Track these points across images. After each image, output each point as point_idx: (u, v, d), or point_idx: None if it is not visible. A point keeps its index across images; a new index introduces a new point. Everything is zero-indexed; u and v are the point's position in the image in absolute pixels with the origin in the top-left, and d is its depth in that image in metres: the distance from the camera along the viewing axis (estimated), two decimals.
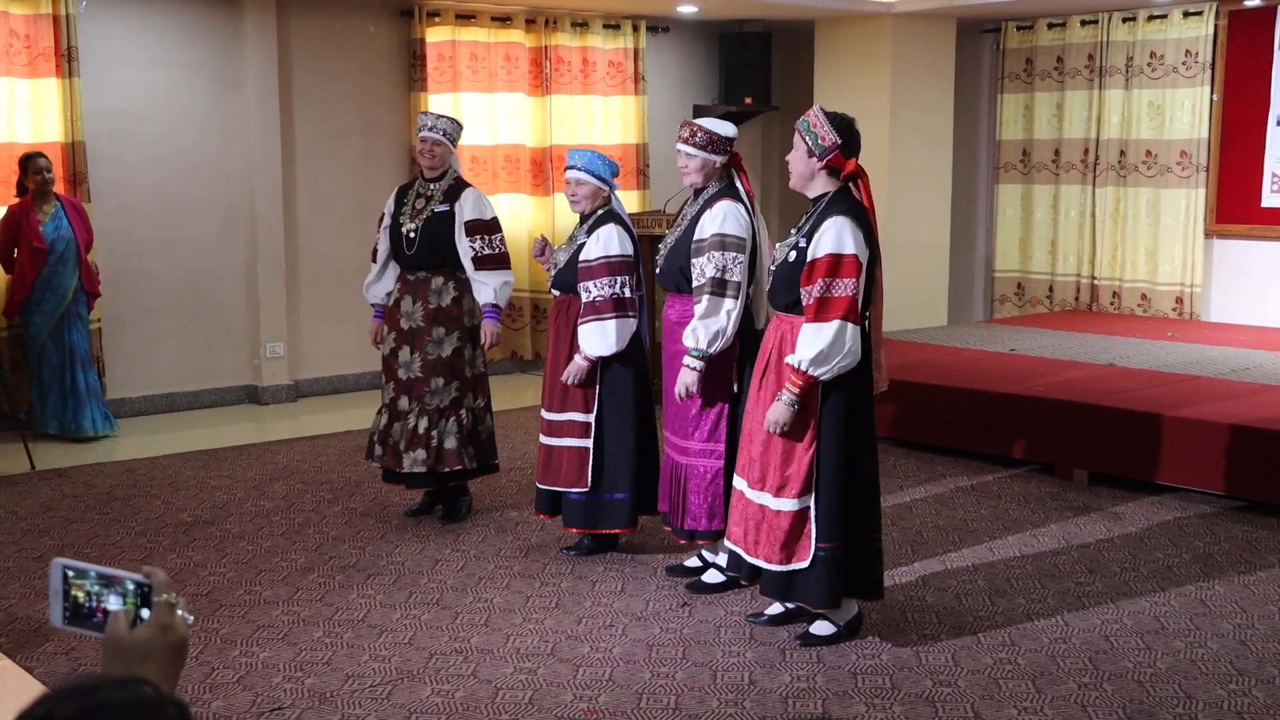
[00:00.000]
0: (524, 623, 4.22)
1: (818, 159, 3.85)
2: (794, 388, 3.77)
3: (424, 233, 5.15)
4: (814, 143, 3.84)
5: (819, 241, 3.76)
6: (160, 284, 7.71)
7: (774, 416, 3.80)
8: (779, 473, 3.85)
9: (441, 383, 5.15)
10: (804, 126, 3.88)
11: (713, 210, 4.28)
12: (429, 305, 5.17)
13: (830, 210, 3.81)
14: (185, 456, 6.57)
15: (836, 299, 3.72)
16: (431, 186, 5.25)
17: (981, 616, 4.27)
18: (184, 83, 7.72)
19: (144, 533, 5.23)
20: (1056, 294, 9.58)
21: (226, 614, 4.29)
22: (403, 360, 5.22)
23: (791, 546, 3.85)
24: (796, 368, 3.76)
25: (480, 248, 5.15)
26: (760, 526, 3.91)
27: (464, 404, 5.19)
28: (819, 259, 3.74)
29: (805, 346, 3.74)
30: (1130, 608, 4.35)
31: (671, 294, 4.50)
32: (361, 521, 5.40)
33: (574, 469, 4.75)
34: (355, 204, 8.40)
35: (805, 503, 3.83)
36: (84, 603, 1.40)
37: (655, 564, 4.80)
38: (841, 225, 3.75)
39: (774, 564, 3.87)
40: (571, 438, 4.76)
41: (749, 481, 3.96)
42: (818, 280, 3.73)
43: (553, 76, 9.02)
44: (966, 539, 5.15)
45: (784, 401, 3.79)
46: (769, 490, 3.88)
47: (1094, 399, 6.05)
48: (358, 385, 8.46)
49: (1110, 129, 9.09)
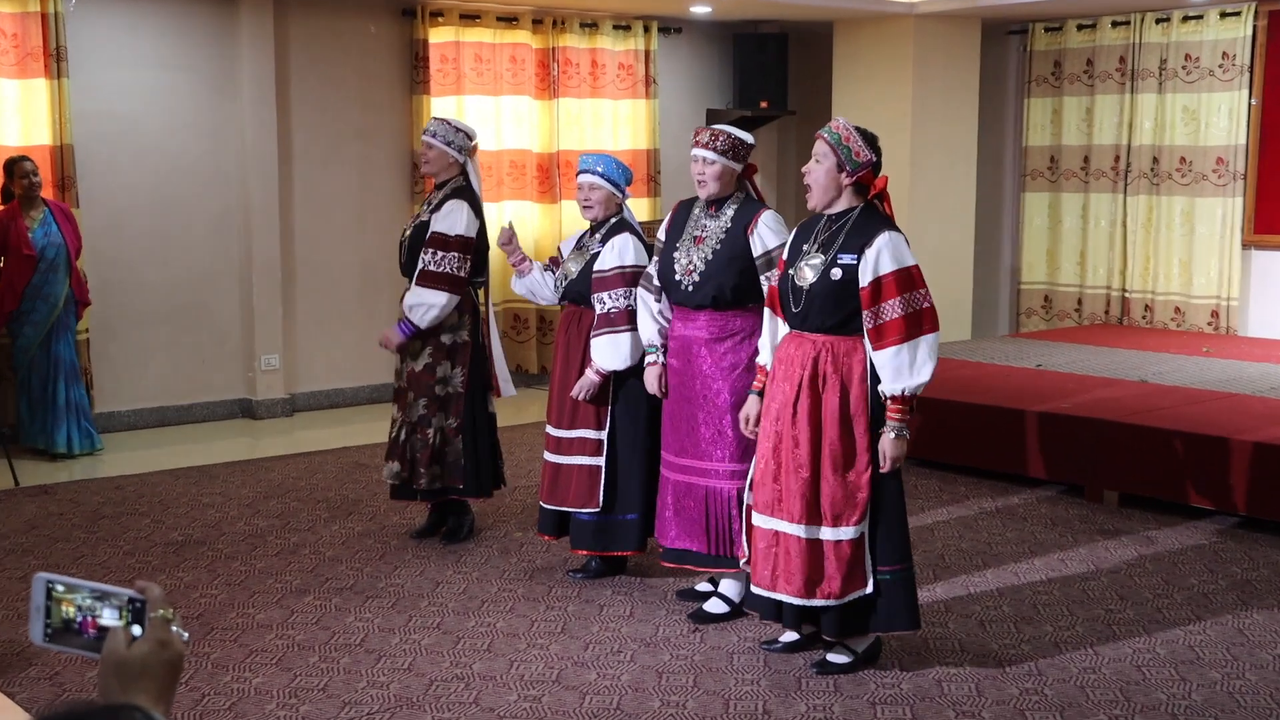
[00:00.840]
0: (528, 648, 4.22)
1: (848, 174, 3.85)
2: (902, 416, 3.77)
3: (409, 242, 5.20)
4: (847, 157, 3.84)
5: (877, 259, 3.75)
6: (151, 293, 7.74)
7: (895, 453, 3.77)
8: (838, 501, 3.82)
9: (412, 397, 5.20)
10: (834, 140, 3.86)
11: (764, 221, 4.28)
12: None
13: (871, 225, 3.82)
14: (176, 473, 6.59)
15: (924, 311, 3.76)
16: (436, 195, 5.26)
17: (1007, 645, 4.26)
18: (177, 84, 7.76)
19: (132, 552, 5.24)
20: (1085, 307, 9.57)
21: (218, 638, 4.30)
22: (397, 368, 5.29)
23: (852, 578, 3.85)
24: (906, 395, 3.74)
25: (426, 261, 5.05)
26: (815, 564, 3.84)
27: (431, 423, 5.17)
28: (884, 276, 3.74)
29: (908, 369, 3.72)
30: (1164, 637, 4.34)
31: (694, 310, 4.38)
32: (359, 542, 5.41)
33: (584, 488, 4.75)
34: (354, 211, 8.43)
35: (863, 529, 3.84)
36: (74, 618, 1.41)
37: (665, 588, 4.80)
38: (897, 239, 3.80)
39: (835, 599, 3.84)
40: (582, 456, 4.76)
41: (789, 518, 3.88)
42: (891, 299, 3.72)
43: (560, 79, 9.05)
44: (991, 563, 5.13)
45: (900, 434, 3.77)
46: (826, 523, 3.84)
47: (1125, 417, 6.04)
48: (356, 400, 8.47)
49: (1143, 135, 9.09)
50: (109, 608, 1.41)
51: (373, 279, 8.40)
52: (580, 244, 4.93)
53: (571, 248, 4.99)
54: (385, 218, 8.44)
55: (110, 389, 7.59)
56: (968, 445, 6.52)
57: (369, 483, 6.32)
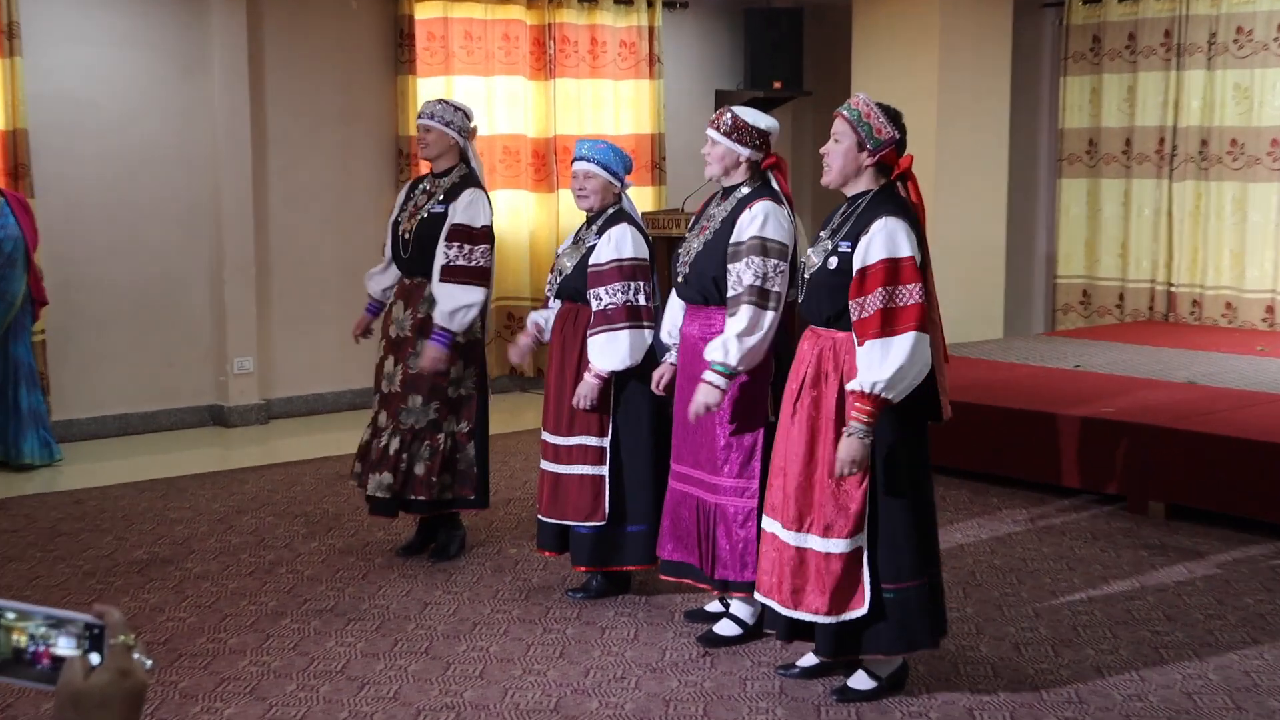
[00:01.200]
0: (524, 674, 4.21)
1: (869, 154, 3.84)
2: (865, 417, 3.70)
3: (418, 235, 5.16)
4: (868, 135, 3.83)
5: (869, 246, 3.73)
6: (113, 292, 7.74)
7: (847, 455, 3.71)
8: (827, 509, 3.81)
9: (420, 401, 5.15)
10: (854, 117, 3.85)
11: (751, 210, 4.27)
12: (419, 314, 5.18)
13: (875, 210, 3.79)
14: (141, 486, 6.58)
15: (904, 308, 3.70)
16: (438, 183, 5.24)
17: (1044, 670, 4.25)
18: (140, 64, 7.76)
19: (93, 572, 5.24)
20: (1128, 303, 9.55)
21: (187, 665, 4.29)
22: (386, 371, 5.25)
23: (845, 594, 3.81)
24: (868, 393, 3.68)
25: (453, 256, 5.07)
26: (803, 573, 3.85)
27: (443, 427, 5.17)
28: (871, 265, 3.71)
29: (876, 366, 3.68)
30: (1216, 661, 4.32)
31: (692, 306, 4.48)
32: (341, 559, 5.40)
33: (586, 499, 4.75)
34: (334, 201, 8.44)
35: (858, 542, 3.80)
36: (26, 647, 1.39)
37: (673, 608, 4.79)
38: (894, 226, 3.74)
39: (824, 615, 3.82)
40: (583, 464, 4.76)
41: (783, 522, 3.91)
42: (875, 290, 3.69)
43: (557, 58, 9.05)
44: (1026, 580, 5.12)
45: (856, 435, 3.71)
46: (814, 531, 3.83)
47: (1172, 422, 6.02)
48: (337, 405, 8.48)
49: (1190, 115, 9.08)
50: (65, 635, 1.40)
51: (354, 275, 8.37)
52: (576, 237, 4.94)
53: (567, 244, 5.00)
54: (368, 208, 8.44)
55: (69, 395, 7.59)
56: (1000, 453, 6.50)
57: (350, 496, 6.31)
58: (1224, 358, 7.80)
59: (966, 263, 9.22)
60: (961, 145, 9.15)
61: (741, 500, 4.35)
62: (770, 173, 4.40)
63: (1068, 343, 8.52)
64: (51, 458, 7.03)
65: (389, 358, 5.24)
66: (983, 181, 9.33)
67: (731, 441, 4.35)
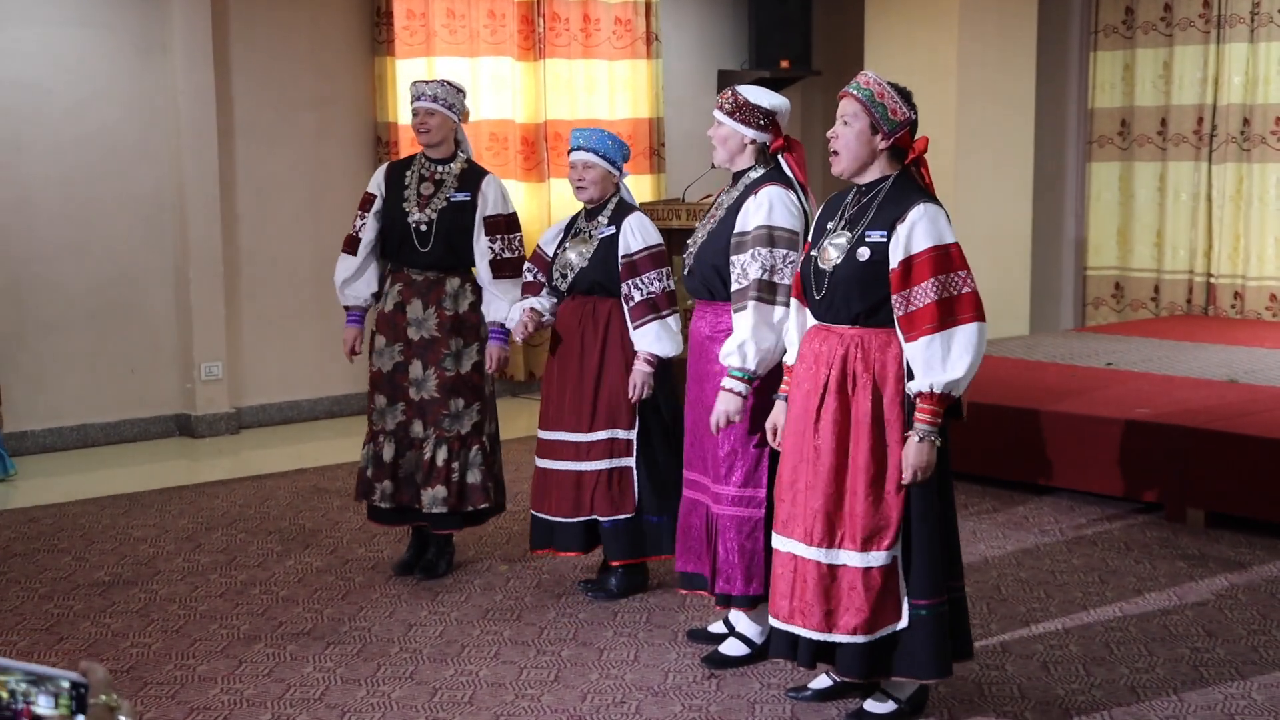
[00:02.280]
0: (516, 700, 4.24)
1: (884, 136, 3.84)
2: (930, 417, 3.71)
3: (441, 226, 5.21)
4: (883, 117, 3.82)
5: (910, 235, 3.73)
6: (69, 293, 7.77)
7: (919, 461, 3.72)
8: (867, 521, 3.80)
9: (462, 404, 5.25)
10: (867, 97, 3.84)
11: (756, 197, 4.29)
12: (445, 311, 5.24)
13: (905, 196, 3.79)
14: (102, 502, 6.60)
15: (961, 297, 3.72)
16: (440, 169, 5.28)
17: (1075, 690, 4.28)
18: (94, 45, 7.79)
19: (50, 595, 5.26)
20: (1164, 295, 9.58)
21: (153, 694, 4.31)
22: (414, 377, 5.26)
23: (883, 609, 3.82)
24: (938, 393, 3.70)
25: (500, 250, 5.24)
26: (837, 593, 3.84)
27: (484, 429, 5.30)
28: (917, 255, 3.71)
29: (939, 363, 3.68)
30: (1261, 680, 4.34)
31: (700, 302, 4.52)
32: (318, 579, 5.43)
33: (615, 493, 4.99)
34: (308, 194, 8.46)
35: (895, 553, 3.82)
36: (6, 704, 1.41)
37: (675, 627, 4.82)
38: (934, 212, 3.76)
39: (861, 635, 3.82)
40: (611, 458, 4.99)
41: (806, 539, 3.88)
42: (924, 280, 3.70)
43: (547, 37, 9.08)
44: (1055, 594, 5.15)
45: (927, 439, 3.72)
46: (849, 545, 3.83)
47: (1212, 424, 6.05)
48: (313, 413, 8.50)
49: (1231, 92, 9.11)
50: (45, 694, 1.41)
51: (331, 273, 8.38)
52: (575, 229, 5.05)
53: (557, 237, 5.11)
54: (344, 200, 8.45)
55: (22, 405, 7.62)
56: (1027, 458, 6.53)
57: (328, 510, 6.35)
58: (1269, 354, 7.83)
59: (989, 254, 9.24)
60: (983, 127, 9.18)
61: (748, 510, 4.38)
62: (780, 156, 4.43)
63: (1099, 339, 8.55)
64: (5, 472, 7.06)
65: (414, 363, 5.25)
66: (1006, 166, 9.36)
67: (736, 449, 4.38)
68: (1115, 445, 6.22)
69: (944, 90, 8.95)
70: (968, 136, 9.09)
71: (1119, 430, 6.22)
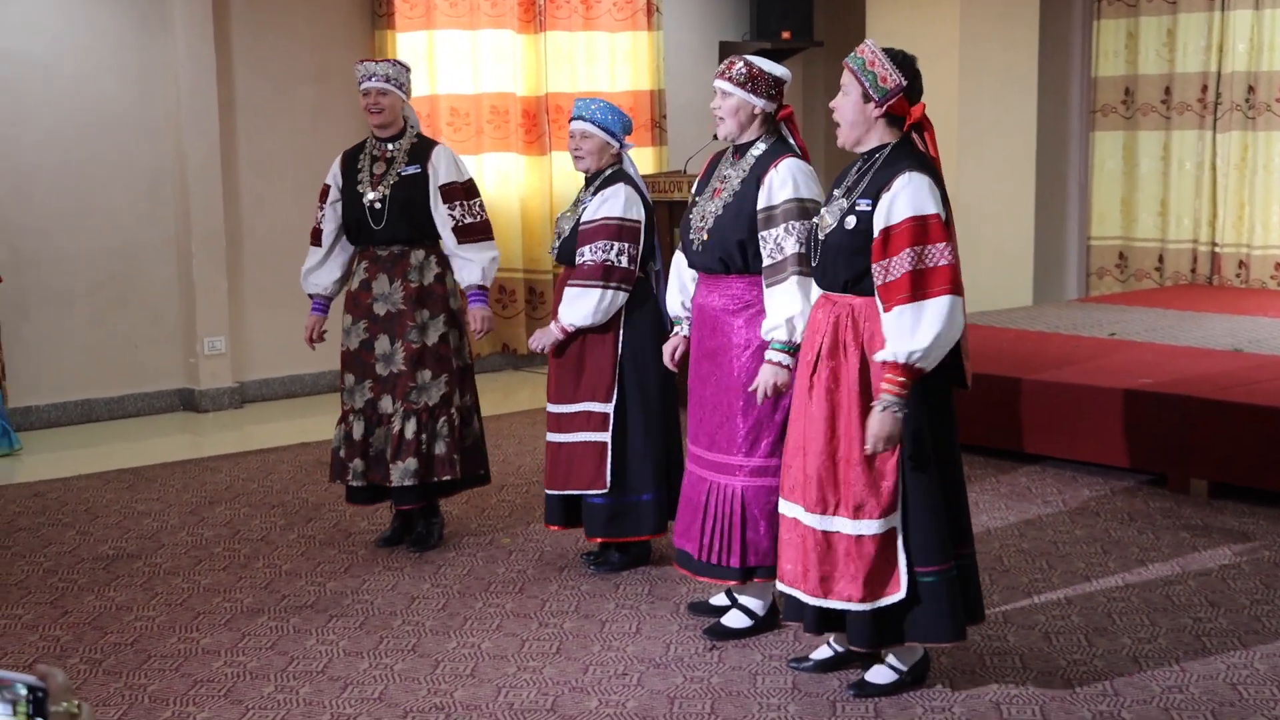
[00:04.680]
0: (519, 672, 4.24)
1: (876, 105, 3.83)
2: (897, 388, 3.70)
3: (394, 200, 5.21)
4: (873, 85, 3.82)
5: (892, 204, 3.73)
6: (70, 267, 7.76)
7: (880, 430, 3.72)
8: (855, 488, 3.82)
9: (429, 376, 5.24)
10: (858, 65, 3.85)
11: (778, 170, 4.27)
12: (410, 284, 5.24)
13: (896, 165, 3.79)
14: (106, 476, 6.61)
15: (935, 269, 3.70)
16: (389, 147, 5.32)
17: (1077, 660, 4.27)
18: (94, 19, 7.76)
19: (54, 570, 5.27)
20: (1168, 265, 9.55)
21: (156, 667, 4.32)
22: (381, 352, 5.26)
23: (879, 579, 3.82)
24: (902, 363, 3.69)
25: (461, 215, 5.25)
26: (831, 559, 3.86)
27: (453, 401, 5.26)
28: (897, 225, 3.71)
29: (908, 334, 3.68)
30: (1263, 650, 4.34)
31: (709, 275, 4.45)
32: (321, 552, 5.43)
33: (590, 468, 4.95)
34: (308, 167, 8.43)
35: (892, 523, 3.81)
36: None
37: (677, 598, 4.82)
38: (919, 182, 3.74)
39: (857, 602, 3.84)
40: (586, 431, 4.95)
41: (806, 505, 3.91)
42: (902, 250, 3.69)
43: (548, 9, 9.04)
44: (1057, 565, 5.14)
45: (890, 409, 3.71)
46: (843, 513, 3.84)
47: (1215, 394, 6.03)
48: (315, 388, 8.50)
49: (1235, 60, 9.06)
50: (2, 701, 1.39)
51: None
52: (576, 200, 5.12)
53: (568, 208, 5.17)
54: None
55: (26, 381, 7.62)
56: (1030, 429, 6.52)
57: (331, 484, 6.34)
58: (1274, 323, 7.81)
59: (993, 224, 9.22)
60: (986, 96, 9.13)
61: (774, 480, 4.34)
62: (784, 125, 4.41)
63: (1103, 309, 8.53)
64: (10, 447, 7.07)
65: (380, 337, 5.26)
66: (1009, 136, 9.32)
67: (761, 419, 4.35)
68: (1118, 415, 6.21)
69: (947, 60, 8.90)
70: (971, 107, 9.05)
71: (1122, 400, 6.20)
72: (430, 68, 8.68)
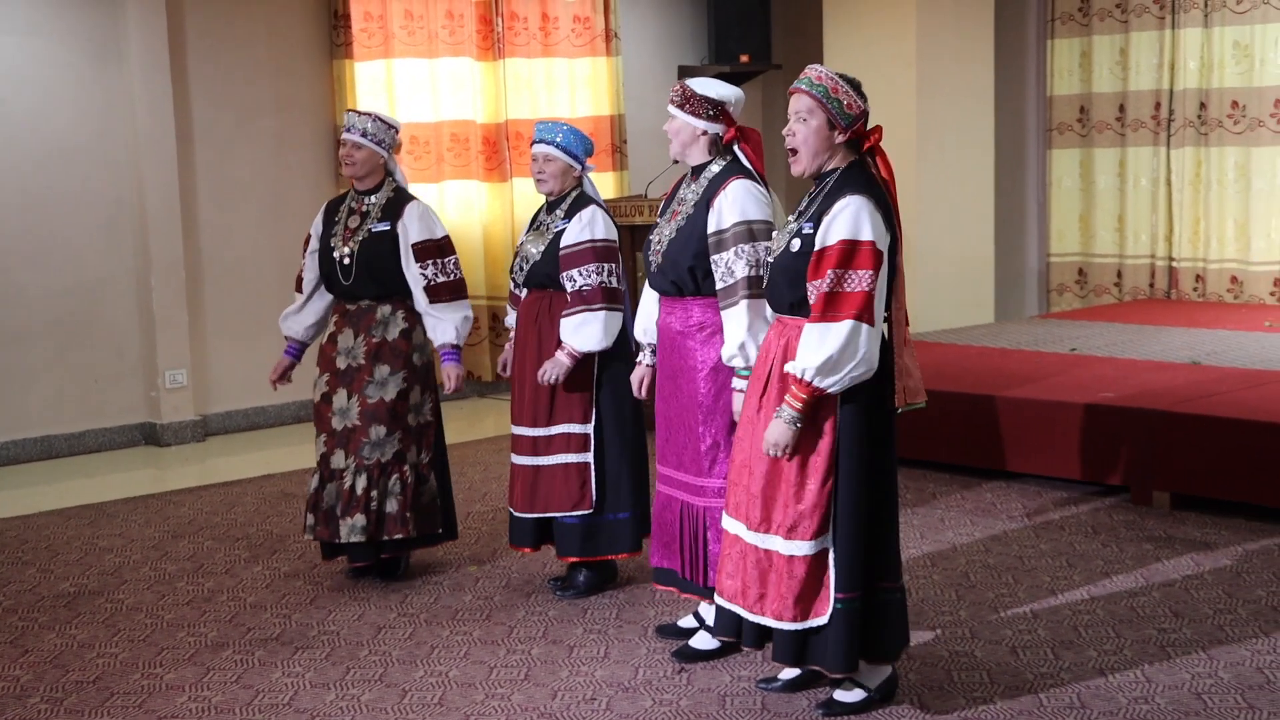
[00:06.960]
0: (486, 699, 4.22)
1: (842, 131, 3.88)
2: (796, 402, 3.78)
3: (361, 257, 5.20)
4: (839, 112, 3.86)
5: (830, 226, 3.78)
6: (28, 303, 7.70)
7: (773, 437, 3.81)
8: (790, 509, 3.85)
9: (383, 432, 5.16)
10: (821, 93, 3.87)
11: (726, 193, 4.29)
12: (372, 339, 5.21)
13: (842, 188, 3.83)
14: (67, 513, 6.55)
15: (849, 294, 3.74)
16: (367, 200, 5.29)
17: (1044, 674, 4.29)
18: (49, 54, 7.73)
19: (14, 609, 5.22)
20: (1126, 280, 9.63)
21: (119, 704, 4.28)
22: (338, 406, 5.22)
23: (809, 599, 3.85)
24: (800, 378, 3.77)
25: (433, 275, 5.20)
26: (766, 576, 3.91)
27: (406, 458, 5.20)
28: (829, 247, 3.77)
29: (810, 351, 3.75)
30: (1227, 659, 4.36)
31: (667, 298, 4.50)
32: (286, 584, 5.40)
33: (572, 488, 4.97)
34: (269, 197, 8.42)
35: (823, 544, 3.84)
36: None
37: (645, 623, 4.81)
38: (858, 206, 3.78)
39: (786, 621, 3.87)
40: (566, 453, 4.97)
41: (747, 522, 3.96)
42: (827, 272, 3.75)
43: (506, 36, 9.06)
44: (1023, 579, 5.16)
45: (784, 419, 3.80)
46: (776, 531, 3.88)
47: (1176, 406, 6.08)
48: (280, 419, 8.46)
49: (1187, 77, 9.16)
50: None
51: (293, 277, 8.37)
52: (536, 224, 5.10)
53: (525, 231, 5.13)
54: (306, 203, 8.41)
55: None
56: (993, 444, 6.54)
57: (295, 515, 6.31)
58: (1230, 335, 7.87)
59: (953, 243, 9.28)
60: (943, 116, 9.20)
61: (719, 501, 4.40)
62: (736, 147, 4.43)
63: (1063, 325, 8.58)
64: None
65: (338, 392, 5.22)
66: (967, 155, 9.39)
67: (719, 441, 4.39)
68: (1080, 430, 6.24)
69: (904, 81, 8.97)
70: (928, 127, 9.11)
71: (1084, 415, 6.24)
72: (390, 96, 8.68)
